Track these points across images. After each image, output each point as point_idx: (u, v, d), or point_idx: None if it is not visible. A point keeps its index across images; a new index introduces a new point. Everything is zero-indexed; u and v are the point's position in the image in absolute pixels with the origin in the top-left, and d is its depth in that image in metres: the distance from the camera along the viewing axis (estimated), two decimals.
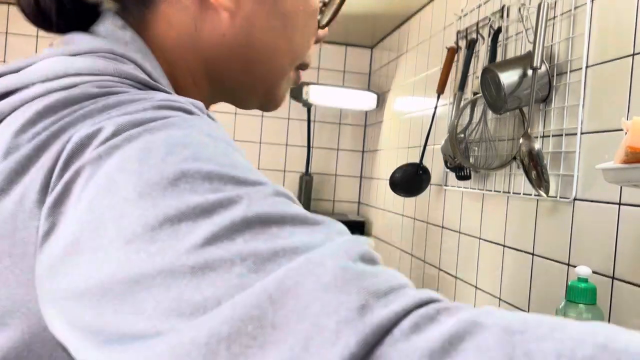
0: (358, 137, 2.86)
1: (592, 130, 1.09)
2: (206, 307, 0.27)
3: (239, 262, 0.28)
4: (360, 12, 2.26)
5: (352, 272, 0.27)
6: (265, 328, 0.25)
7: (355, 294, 0.25)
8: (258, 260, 0.28)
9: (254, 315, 0.25)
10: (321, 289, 0.25)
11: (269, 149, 2.78)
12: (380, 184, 2.49)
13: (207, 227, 0.29)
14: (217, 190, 0.32)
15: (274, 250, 0.28)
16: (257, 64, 0.55)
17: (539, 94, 1.22)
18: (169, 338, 0.27)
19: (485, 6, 1.54)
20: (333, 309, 0.25)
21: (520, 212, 1.32)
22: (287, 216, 0.31)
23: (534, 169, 1.17)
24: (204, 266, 0.28)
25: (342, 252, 0.29)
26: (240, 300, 0.26)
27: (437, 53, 1.90)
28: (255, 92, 0.59)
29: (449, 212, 1.72)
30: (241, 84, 0.57)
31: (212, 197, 0.31)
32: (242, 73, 0.56)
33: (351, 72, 2.83)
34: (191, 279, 0.28)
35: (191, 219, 0.30)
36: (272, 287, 0.26)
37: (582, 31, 1.13)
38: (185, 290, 0.28)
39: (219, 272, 0.28)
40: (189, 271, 0.28)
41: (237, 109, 2.49)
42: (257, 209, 0.31)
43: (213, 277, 0.28)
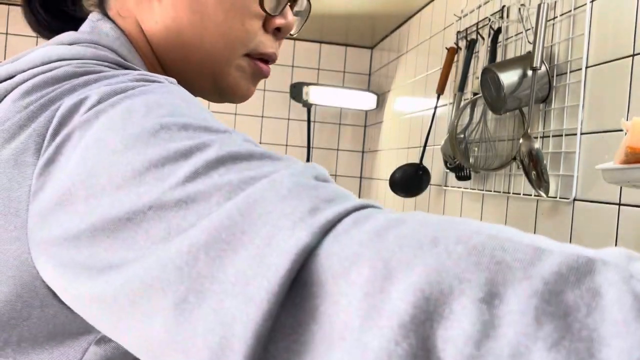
0: (358, 138, 2.86)
1: (592, 131, 1.09)
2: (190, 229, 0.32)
3: (215, 192, 0.33)
4: (360, 13, 2.26)
5: (306, 186, 0.33)
6: (235, 234, 0.30)
7: (308, 200, 0.31)
8: (231, 188, 0.33)
9: (226, 224, 0.31)
10: (280, 199, 0.31)
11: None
12: (380, 184, 2.49)
13: (187, 167, 0.35)
14: (193, 137, 0.37)
15: (243, 179, 0.34)
16: (192, 50, 0.56)
17: (538, 95, 1.22)
18: (158, 253, 0.32)
19: (485, 7, 1.54)
20: (290, 212, 0.31)
21: (520, 212, 1.32)
22: (254, 154, 0.38)
23: (534, 170, 1.18)
24: (186, 199, 0.33)
25: (299, 173, 0.35)
26: (216, 215, 0.31)
27: (437, 53, 1.90)
28: (201, 80, 0.59)
29: (448, 213, 1.72)
30: (185, 72, 0.58)
31: (189, 143, 0.36)
32: (182, 61, 0.57)
33: (351, 73, 2.83)
34: (177, 211, 0.33)
35: (172, 162, 0.35)
36: (241, 202, 0.32)
37: (581, 32, 1.13)
38: (173, 220, 0.33)
39: (199, 203, 0.33)
40: (174, 204, 0.33)
41: (238, 110, 2.48)
42: (228, 149, 0.36)
43: (195, 207, 0.33)
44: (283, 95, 2.77)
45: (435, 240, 0.27)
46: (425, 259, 0.26)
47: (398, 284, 0.26)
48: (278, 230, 0.30)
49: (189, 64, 0.57)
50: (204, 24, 0.55)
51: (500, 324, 0.23)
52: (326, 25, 2.51)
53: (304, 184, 0.34)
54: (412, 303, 0.25)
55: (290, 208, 0.31)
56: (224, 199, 0.33)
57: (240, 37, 0.57)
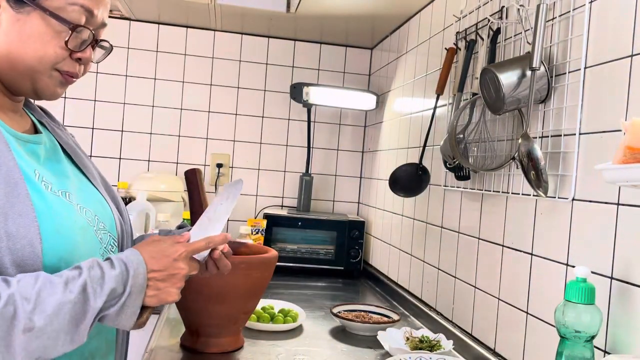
0: (358, 138, 2.87)
1: (591, 131, 1.09)
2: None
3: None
4: (360, 13, 2.26)
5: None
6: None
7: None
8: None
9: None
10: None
11: (269, 149, 2.79)
12: (380, 184, 2.49)
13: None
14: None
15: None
16: (17, 64, 0.86)
17: (537, 95, 1.22)
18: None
19: (485, 7, 1.55)
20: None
21: (519, 212, 1.32)
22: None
23: (533, 170, 1.18)
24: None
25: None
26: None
27: (436, 54, 1.90)
28: (22, 83, 0.88)
29: (448, 212, 1.73)
30: (10, 77, 0.87)
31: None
32: (9, 69, 0.87)
33: (351, 73, 2.84)
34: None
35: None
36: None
37: (580, 32, 1.13)
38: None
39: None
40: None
41: (238, 110, 2.50)
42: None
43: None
44: (283, 95, 2.78)
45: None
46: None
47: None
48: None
49: (14, 72, 0.87)
50: (26, 50, 0.85)
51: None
52: (326, 26, 2.51)
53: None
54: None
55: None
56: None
57: (52, 60, 0.87)
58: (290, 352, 1.43)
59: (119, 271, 0.82)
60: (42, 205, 0.82)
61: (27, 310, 0.73)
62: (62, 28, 0.86)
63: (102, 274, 0.80)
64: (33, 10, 0.85)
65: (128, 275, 0.82)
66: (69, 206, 0.88)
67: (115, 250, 0.98)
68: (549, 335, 1.17)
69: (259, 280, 1.37)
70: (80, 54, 0.89)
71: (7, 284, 0.73)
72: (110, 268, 0.81)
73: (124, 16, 2.62)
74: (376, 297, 2.16)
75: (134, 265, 0.83)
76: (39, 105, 1.05)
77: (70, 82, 0.91)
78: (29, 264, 0.78)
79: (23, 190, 0.80)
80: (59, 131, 1.02)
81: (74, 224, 0.86)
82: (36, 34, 0.85)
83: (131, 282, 0.82)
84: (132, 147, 2.68)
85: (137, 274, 0.83)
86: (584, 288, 0.95)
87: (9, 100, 0.91)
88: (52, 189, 0.86)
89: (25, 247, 0.77)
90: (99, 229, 0.94)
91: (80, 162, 1.01)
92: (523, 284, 1.28)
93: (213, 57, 2.73)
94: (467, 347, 1.47)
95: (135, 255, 0.85)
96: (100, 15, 0.91)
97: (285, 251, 2.47)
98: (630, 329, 0.96)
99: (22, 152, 0.86)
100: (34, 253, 0.78)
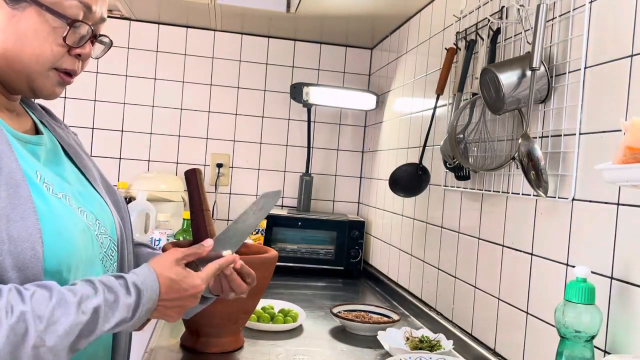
0: (358, 138, 2.87)
1: (591, 131, 1.09)
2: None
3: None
4: (360, 13, 2.26)
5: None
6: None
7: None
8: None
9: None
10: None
11: (270, 149, 2.79)
12: (380, 184, 2.49)
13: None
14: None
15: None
16: (13, 62, 0.84)
17: (537, 95, 1.22)
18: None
19: (485, 7, 1.54)
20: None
21: (519, 212, 1.32)
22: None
23: (533, 170, 1.18)
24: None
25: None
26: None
27: (436, 54, 1.90)
28: (19, 82, 0.86)
29: (448, 212, 1.73)
30: (7, 76, 0.85)
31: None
32: (6, 68, 0.84)
33: (351, 73, 2.84)
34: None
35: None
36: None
37: (580, 32, 1.13)
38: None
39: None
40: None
41: (238, 110, 2.50)
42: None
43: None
44: (283, 95, 2.78)
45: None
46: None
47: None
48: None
49: (10, 70, 0.85)
50: (23, 48, 0.83)
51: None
52: (326, 26, 2.51)
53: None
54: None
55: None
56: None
57: (48, 58, 0.85)
58: (290, 352, 1.43)
59: (133, 300, 0.81)
60: (44, 208, 0.80)
61: (39, 329, 0.72)
62: (58, 23, 0.84)
63: (115, 298, 0.80)
64: (29, 5, 0.82)
65: (139, 303, 0.82)
66: (69, 209, 0.86)
67: (115, 255, 0.96)
68: (549, 335, 1.17)
69: (259, 280, 1.36)
70: (79, 50, 0.88)
71: (22, 298, 0.73)
72: (125, 294, 0.81)
73: (124, 16, 2.62)
74: (376, 297, 2.16)
75: (148, 293, 0.83)
76: (40, 104, 1.03)
77: (68, 81, 0.89)
78: (30, 268, 0.76)
79: (25, 192, 0.78)
80: (60, 131, 1.00)
81: (75, 227, 0.85)
82: (32, 30, 0.83)
83: (141, 309, 0.82)
84: (132, 147, 2.68)
85: (149, 300, 0.83)
86: (584, 288, 0.95)
87: (6, 100, 0.89)
88: (53, 191, 0.85)
89: (26, 251, 0.76)
90: (100, 232, 0.93)
91: (81, 163, 1.00)
92: (523, 284, 1.28)
93: (213, 57, 2.73)
94: (467, 347, 1.47)
95: (152, 281, 0.84)
96: (98, 10, 0.89)
97: (285, 251, 2.47)
98: (630, 329, 0.96)
99: (23, 153, 0.84)
100: (35, 257, 0.77)
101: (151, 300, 0.83)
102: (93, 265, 0.90)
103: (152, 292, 0.84)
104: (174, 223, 2.28)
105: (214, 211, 2.72)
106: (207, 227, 1.38)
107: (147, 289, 0.83)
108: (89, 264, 0.88)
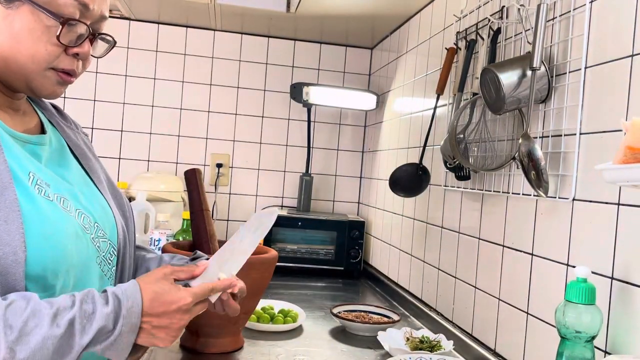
0: (358, 138, 2.87)
1: (591, 131, 1.09)
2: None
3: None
4: (360, 13, 2.26)
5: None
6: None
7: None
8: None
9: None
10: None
11: (269, 149, 2.79)
12: (380, 184, 2.49)
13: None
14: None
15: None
16: (10, 63, 0.83)
17: (538, 95, 1.22)
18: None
19: (485, 7, 1.54)
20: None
21: (519, 212, 1.32)
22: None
23: (533, 170, 1.18)
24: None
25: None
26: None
27: (436, 54, 1.90)
28: (17, 82, 0.85)
29: (448, 212, 1.73)
30: (5, 76, 0.84)
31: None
32: (3, 68, 0.84)
33: (351, 73, 2.83)
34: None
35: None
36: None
37: (581, 32, 1.13)
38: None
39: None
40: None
41: (238, 110, 2.51)
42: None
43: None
44: (283, 95, 2.78)
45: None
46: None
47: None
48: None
49: (7, 71, 0.84)
50: (18, 48, 0.82)
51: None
52: (326, 26, 2.51)
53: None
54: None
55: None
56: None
57: (44, 58, 0.83)
58: (290, 353, 1.43)
59: (111, 309, 0.77)
60: (30, 211, 0.78)
61: (9, 340, 0.70)
62: (52, 22, 0.82)
63: (93, 309, 0.76)
64: (22, 4, 0.81)
65: (119, 314, 0.78)
66: (61, 212, 0.83)
67: (114, 259, 0.95)
68: (549, 335, 1.17)
69: (259, 280, 1.37)
70: (77, 49, 0.86)
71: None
72: (103, 304, 0.77)
73: (123, 16, 2.62)
74: (376, 298, 2.16)
75: (128, 303, 0.79)
76: (52, 103, 1.01)
77: (68, 80, 0.88)
78: (10, 273, 0.74)
79: (11, 195, 0.76)
80: (69, 131, 0.99)
81: (64, 231, 0.82)
82: (26, 29, 0.81)
83: (122, 322, 0.78)
84: (132, 147, 2.68)
85: (130, 313, 0.79)
86: (584, 288, 0.95)
87: (9, 99, 0.88)
88: (46, 193, 0.82)
89: (7, 255, 0.73)
90: (98, 236, 0.90)
91: (87, 164, 0.98)
92: (523, 284, 1.28)
93: (213, 57, 2.73)
94: (467, 348, 1.47)
95: (133, 292, 0.80)
96: (97, 8, 0.87)
97: (285, 251, 2.47)
98: (631, 329, 0.95)
99: (18, 153, 0.82)
100: (16, 261, 0.74)
101: (133, 313, 0.79)
102: (88, 270, 0.88)
103: (134, 303, 0.79)
104: (173, 223, 2.28)
105: (214, 211, 2.72)
106: (207, 227, 1.38)
107: (128, 298, 0.79)
108: (82, 268, 0.86)
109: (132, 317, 0.79)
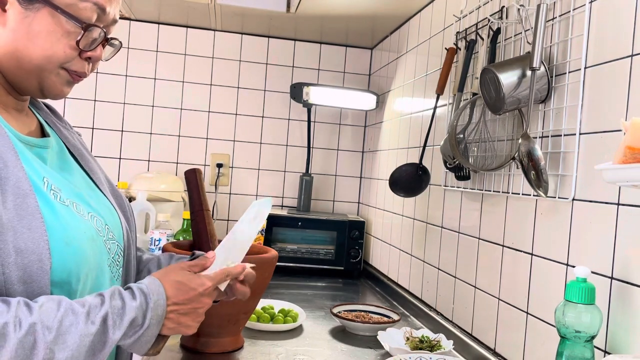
0: (358, 138, 2.87)
1: (591, 131, 1.09)
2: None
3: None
4: (360, 13, 2.26)
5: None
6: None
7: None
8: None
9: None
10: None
11: (269, 149, 2.79)
12: (380, 184, 2.49)
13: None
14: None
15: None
16: (24, 62, 0.82)
17: (537, 95, 1.22)
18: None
19: (485, 7, 1.54)
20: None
21: (519, 212, 1.32)
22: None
23: (533, 169, 1.18)
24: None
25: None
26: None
27: (436, 54, 1.90)
28: (29, 82, 0.85)
29: (448, 212, 1.73)
30: (17, 76, 0.84)
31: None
32: (16, 68, 0.83)
33: (351, 73, 2.84)
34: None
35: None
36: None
37: (580, 32, 1.13)
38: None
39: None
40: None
41: (238, 110, 2.51)
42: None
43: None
44: (283, 95, 2.78)
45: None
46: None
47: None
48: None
49: (20, 70, 0.83)
50: (34, 48, 0.82)
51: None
52: (326, 26, 2.51)
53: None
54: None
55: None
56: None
57: (60, 59, 0.84)
58: (290, 352, 1.43)
59: (139, 302, 0.80)
60: (51, 218, 0.78)
61: (47, 340, 0.71)
62: (73, 27, 0.83)
63: (122, 304, 0.79)
64: (42, 7, 0.81)
65: (148, 306, 0.81)
66: (76, 216, 0.83)
67: (121, 261, 0.95)
68: (549, 335, 1.17)
69: (259, 280, 1.37)
70: (90, 53, 0.86)
71: (30, 311, 0.71)
72: (131, 299, 0.80)
73: (123, 16, 2.62)
74: (376, 297, 2.16)
75: (154, 296, 0.82)
76: (46, 103, 1.01)
77: (77, 81, 0.88)
78: (36, 280, 0.74)
79: (33, 202, 0.76)
80: (65, 132, 0.98)
81: (83, 235, 0.83)
82: (45, 31, 0.81)
83: (150, 314, 0.81)
84: (132, 147, 2.68)
85: (157, 305, 0.82)
86: (584, 288, 0.95)
87: (15, 100, 0.88)
88: (60, 198, 0.83)
89: (33, 263, 0.74)
90: (108, 238, 0.91)
91: (87, 165, 0.98)
92: (523, 284, 1.28)
93: (213, 57, 2.73)
94: (467, 347, 1.47)
95: (156, 286, 0.83)
96: (112, 12, 0.88)
97: (285, 251, 2.47)
98: (630, 329, 0.96)
99: (30, 158, 0.82)
100: (42, 269, 0.75)
101: (159, 305, 0.82)
102: (102, 272, 0.88)
103: (159, 295, 0.82)
104: (174, 223, 2.28)
105: (214, 211, 2.72)
106: (207, 227, 1.38)
107: (153, 292, 0.82)
108: (98, 271, 0.87)
109: (158, 309, 0.82)
